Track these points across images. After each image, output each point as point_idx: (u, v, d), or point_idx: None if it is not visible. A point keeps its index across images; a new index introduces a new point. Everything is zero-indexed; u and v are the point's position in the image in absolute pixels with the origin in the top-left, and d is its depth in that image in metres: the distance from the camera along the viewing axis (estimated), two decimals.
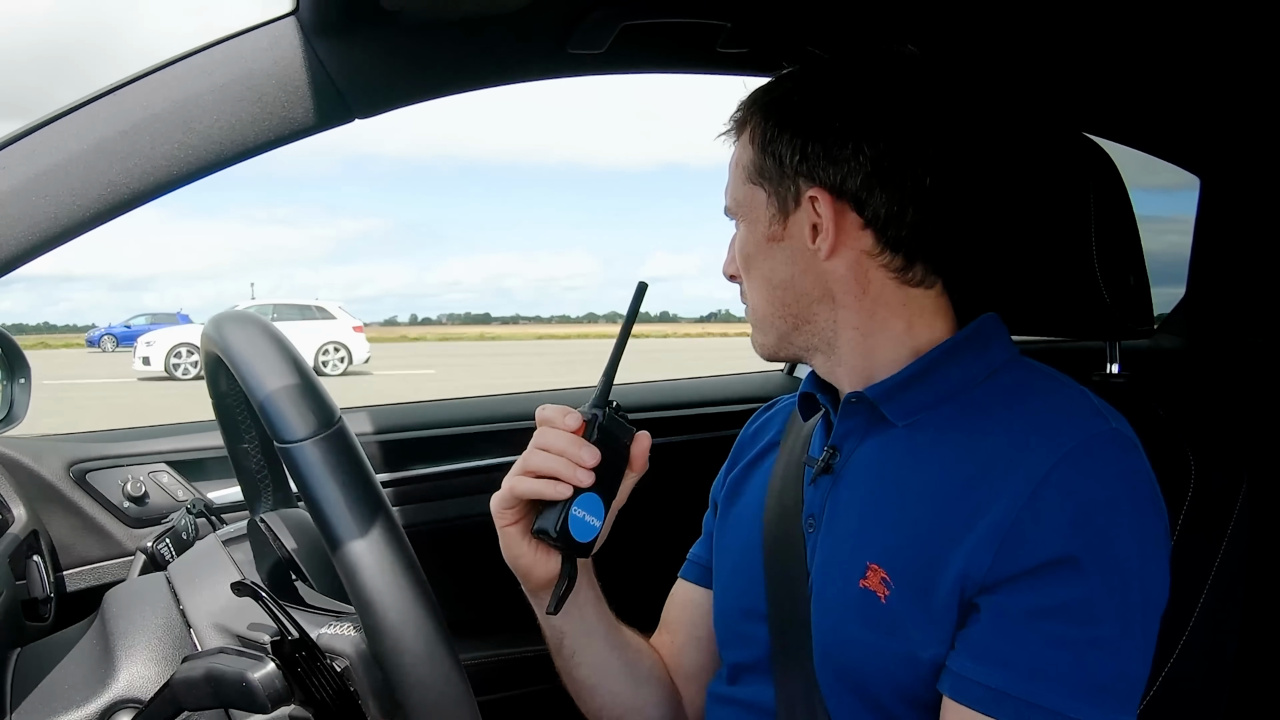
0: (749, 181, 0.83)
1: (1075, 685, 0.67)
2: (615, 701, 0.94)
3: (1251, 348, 1.45)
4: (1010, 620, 0.69)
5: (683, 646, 0.99)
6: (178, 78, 0.85)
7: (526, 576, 0.83)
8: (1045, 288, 0.93)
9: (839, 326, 0.82)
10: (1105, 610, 0.68)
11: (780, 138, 0.80)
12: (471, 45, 0.98)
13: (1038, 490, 0.69)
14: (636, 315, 0.81)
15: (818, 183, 0.79)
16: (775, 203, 0.81)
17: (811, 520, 0.84)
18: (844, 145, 0.78)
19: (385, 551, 0.60)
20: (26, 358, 1.25)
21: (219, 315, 0.72)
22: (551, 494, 0.77)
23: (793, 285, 0.82)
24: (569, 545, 0.77)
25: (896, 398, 0.80)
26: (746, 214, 0.84)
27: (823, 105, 0.79)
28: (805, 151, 0.79)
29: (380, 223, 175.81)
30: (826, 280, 0.81)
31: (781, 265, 0.82)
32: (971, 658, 0.70)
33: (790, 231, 0.81)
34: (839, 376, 0.84)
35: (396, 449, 1.55)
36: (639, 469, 0.81)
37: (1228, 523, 0.84)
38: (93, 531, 1.34)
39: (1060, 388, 0.78)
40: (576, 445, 0.77)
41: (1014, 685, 0.68)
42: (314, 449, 0.60)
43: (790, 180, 0.80)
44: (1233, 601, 0.85)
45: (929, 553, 0.73)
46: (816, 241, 0.80)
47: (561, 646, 0.91)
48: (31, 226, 0.79)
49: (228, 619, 0.78)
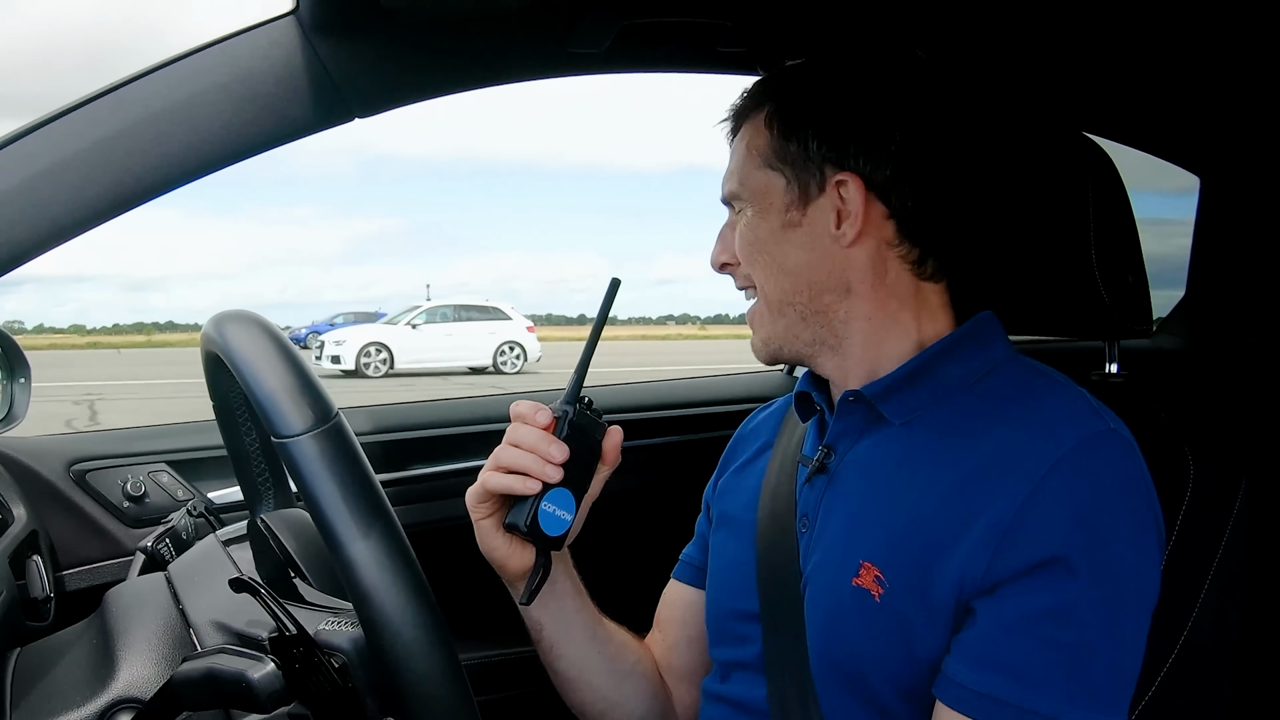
0: (764, 167, 0.82)
1: (1068, 689, 0.68)
2: (596, 696, 0.94)
3: (1251, 347, 1.45)
4: (1004, 625, 0.69)
5: (674, 645, 1.00)
6: (178, 77, 0.85)
7: (502, 568, 0.85)
8: (1044, 287, 0.93)
9: (850, 318, 0.82)
10: (1098, 611, 0.68)
11: (806, 123, 0.80)
12: (471, 44, 0.98)
13: (1035, 491, 0.69)
14: (609, 311, 0.83)
15: (848, 169, 0.79)
16: (795, 188, 0.81)
17: (805, 520, 0.84)
18: (877, 135, 0.79)
19: (382, 545, 0.60)
20: (26, 357, 1.25)
21: (218, 315, 0.72)
22: (521, 489, 0.78)
23: (807, 272, 0.82)
24: (539, 539, 0.79)
25: (894, 396, 0.80)
26: (758, 200, 0.83)
27: (853, 95, 0.80)
28: (834, 139, 0.79)
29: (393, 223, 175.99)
30: (844, 269, 0.81)
31: (796, 251, 0.82)
32: (965, 663, 0.70)
33: (810, 217, 0.81)
34: (845, 371, 0.84)
35: (396, 449, 1.55)
36: (611, 463, 0.83)
37: (1227, 522, 0.84)
38: (92, 531, 1.34)
39: (1058, 388, 0.78)
40: (546, 441, 0.78)
41: (1007, 691, 0.68)
42: (311, 443, 0.60)
43: (815, 166, 0.80)
44: (1233, 601, 0.85)
45: (925, 551, 0.73)
46: (841, 227, 0.80)
47: (541, 638, 0.92)
48: (32, 226, 0.79)
49: (226, 616, 0.78)
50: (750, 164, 0.84)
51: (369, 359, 15.38)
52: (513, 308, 17.37)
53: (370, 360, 15.36)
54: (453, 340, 16.16)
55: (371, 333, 16.12)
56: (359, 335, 15.96)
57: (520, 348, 16.53)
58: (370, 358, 15.38)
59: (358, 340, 15.65)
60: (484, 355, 16.21)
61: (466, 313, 16.98)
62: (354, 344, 15.51)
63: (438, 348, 15.85)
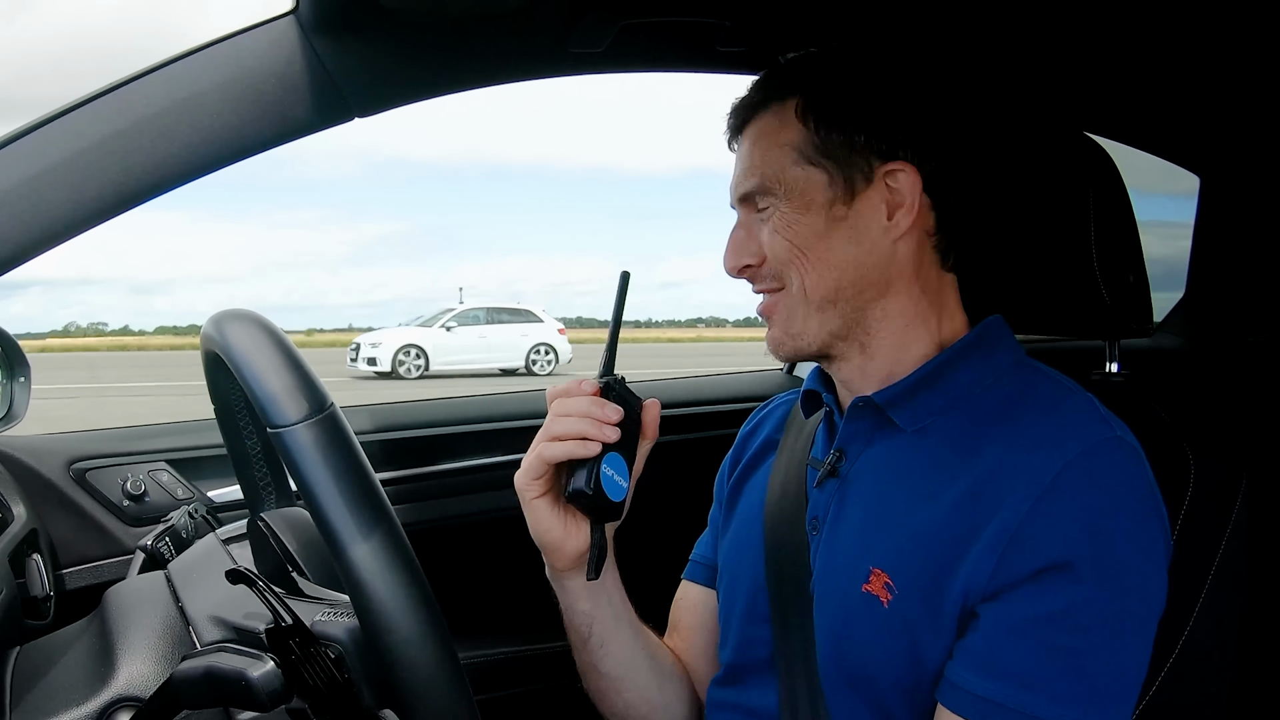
0: (802, 163, 0.80)
1: (1070, 694, 0.68)
2: (642, 697, 0.92)
3: (1251, 347, 1.45)
4: (1007, 628, 0.69)
5: (703, 650, 0.97)
6: (178, 76, 0.85)
7: (559, 550, 0.82)
8: (1045, 287, 0.93)
9: (886, 316, 0.81)
10: (1102, 617, 0.68)
11: (848, 115, 0.79)
12: (471, 44, 0.97)
13: (1043, 496, 0.69)
14: (624, 300, 0.83)
15: (902, 158, 0.79)
16: (841, 182, 0.79)
17: (815, 523, 0.83)
18: (926, 125, 0.80)
19: (377, 533, 0.60)
20: (26, 357, 1.25)
21: (217, 314, 0.72)
22: (582, 453, 0.77)
23: (855, 267, 0.80)
24: (602, 504, 0.78)
25: (905, 403, 0.80)
26: (797, 196, 0.80)
27: (897, 85, 0.81)
28: (881, 130, 0.79)
29: (400, 226, 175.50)
30: (889, 262, 0.80)
31: (844, 245, 0.80)
32: (968, 667, 0.70)
33: (857, 209, 0.79)
34: (865, 372, 0.83)
35: (396, 448, 1.55)
36: (651, 436, 0.82)
37: (1227, 522, 0.84)
38: (92, 530, 1.33)
39: (1066, 395, 0.78)
40: (599, 405, 0.78)
41: (1007, 694, 0.68)
42: (306, 432, 0.60)
43: (862, 158, 0.79)
44: (1233, 601, 0.85)
45: (934, 559, 0.73)
46: (895, 218, 0.79)
47: (590, 636, 0.88)
48: (32, 225, 0.79)
49: (224, 610, 0.78)
50: (784, 159, 0.80)
51: (405, 361, 15.59)
52: (544, 310, 17.61)
53: (406, 362, 15.58)
54: (486, 342, 16.43)
55: (407, 335, 16.30)
56: (395, 338, 16.14)
57: (552, 350, 16.73)
58: (406, 360, 15.60)
59: (394, 342, 15.86)
60: (516, 357, 16.45)
61: (500, 315, 17.21)
62: (390, 346, 15.73)
63: (472, 349, 16.12)
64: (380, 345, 15.80)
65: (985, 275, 0.91)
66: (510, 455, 1.60)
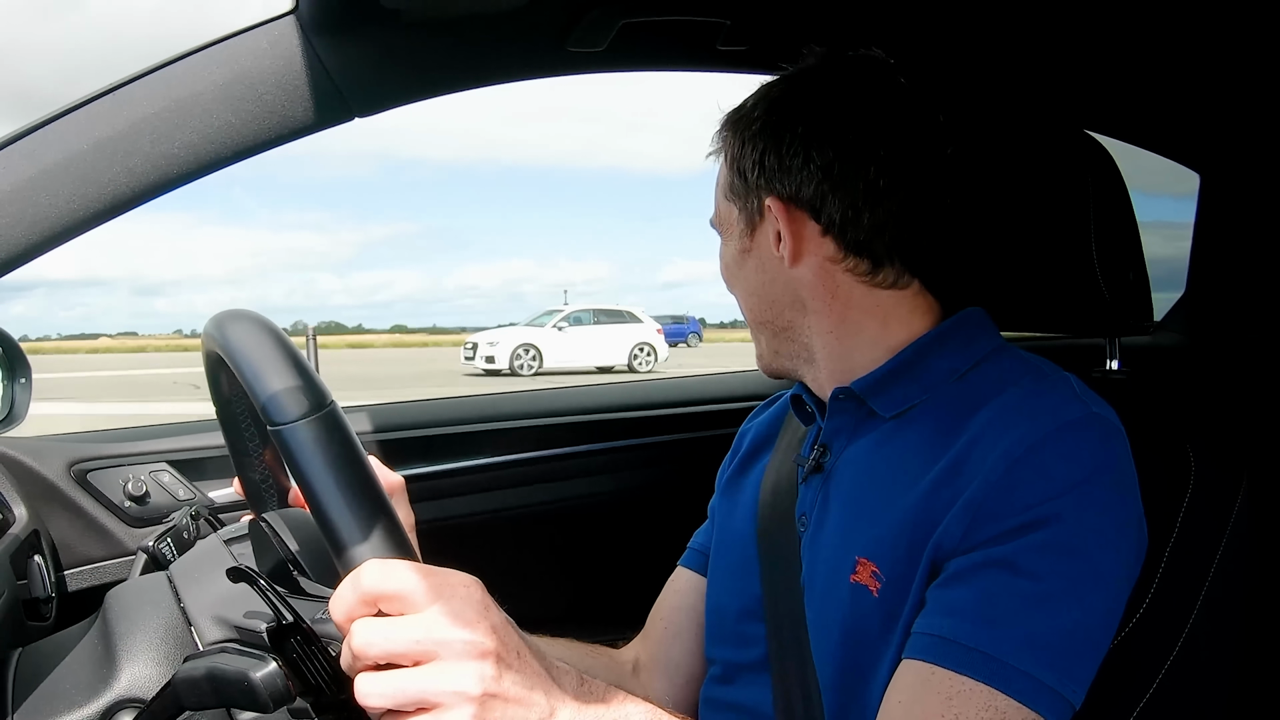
0: (724, 197, 0.87)
1: (1017, 635, 0.67)
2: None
3: (1251, 345, 1.45)
4: (962, 574, 0.70)
5: (678, 633, 0.99)
6: (178, 77, 0.85)
7: None
8: (1044, 284, 0.93)
9: (813, 332, 0.84)
10: (1060, 569, 0.68)
11: (743, 153, 0.84)
12: (471, 43, 0.98)
13: (1013, 467, 0.70)
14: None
15: (774, 193, 0.82)
16: (744, 217, 0.85)
17: (804, 519, 0.84)
18: (795, 155, 0.80)
19: (376, 527, 0.60)
20: (27, 357, 1.25)
21: (218, 314, 0.72)
22: None
23: (765, 293, 0.86)
24: None
25: (883, 391, 0.81)
26: (725, 228, 0.88)
27: (776, 118, 0.82)
28: (763, 164, 0.82)
29: (408, 227, 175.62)
30: (795, 287, 0.83)
31: (753, 275, 0.86)
32: (924, 614, 0.71)
33: (757, 242, 0.85)
34: (821, 383, 0.86)
35: (396, 448, 1.55)
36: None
37: (1227, 520, 0.84)
38: (94, 531, 1.34)
39: (1044, 376, 0.78)
40: None
41: (954, 629, 0.68)
42: (305, 429, 0.60)
43: (753, 193, 0.84)
44: (1233, 600, 0.85)
45: (915, 541, 0.73)
46: (780, 249, 0.82)
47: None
48: (32, 225, 0.79)
49: (226, 611, 0.78)
50: (720, 194, 0.88)
51: (520, 359, 17.12)
52: (643, 311, 19.08)
53: (522, 360, 17.11)
54: (593, 342, 17.86)
55: (522, 335, 17.87)
56: (512, 337, 17.73)
57: (652, 349, 18.18)
58: (522, 358, 17.14)
59: (510, 342, 17.47)
60: (619, 355, 17.93)
61: (604, 317, 18.72)
62: (507, 345, 17.35)
63: (580, 348, 17.55)
64: (498, 344, 17.42)
65: (970, 273, 0.91)
66: (510, 455, 1.60)
